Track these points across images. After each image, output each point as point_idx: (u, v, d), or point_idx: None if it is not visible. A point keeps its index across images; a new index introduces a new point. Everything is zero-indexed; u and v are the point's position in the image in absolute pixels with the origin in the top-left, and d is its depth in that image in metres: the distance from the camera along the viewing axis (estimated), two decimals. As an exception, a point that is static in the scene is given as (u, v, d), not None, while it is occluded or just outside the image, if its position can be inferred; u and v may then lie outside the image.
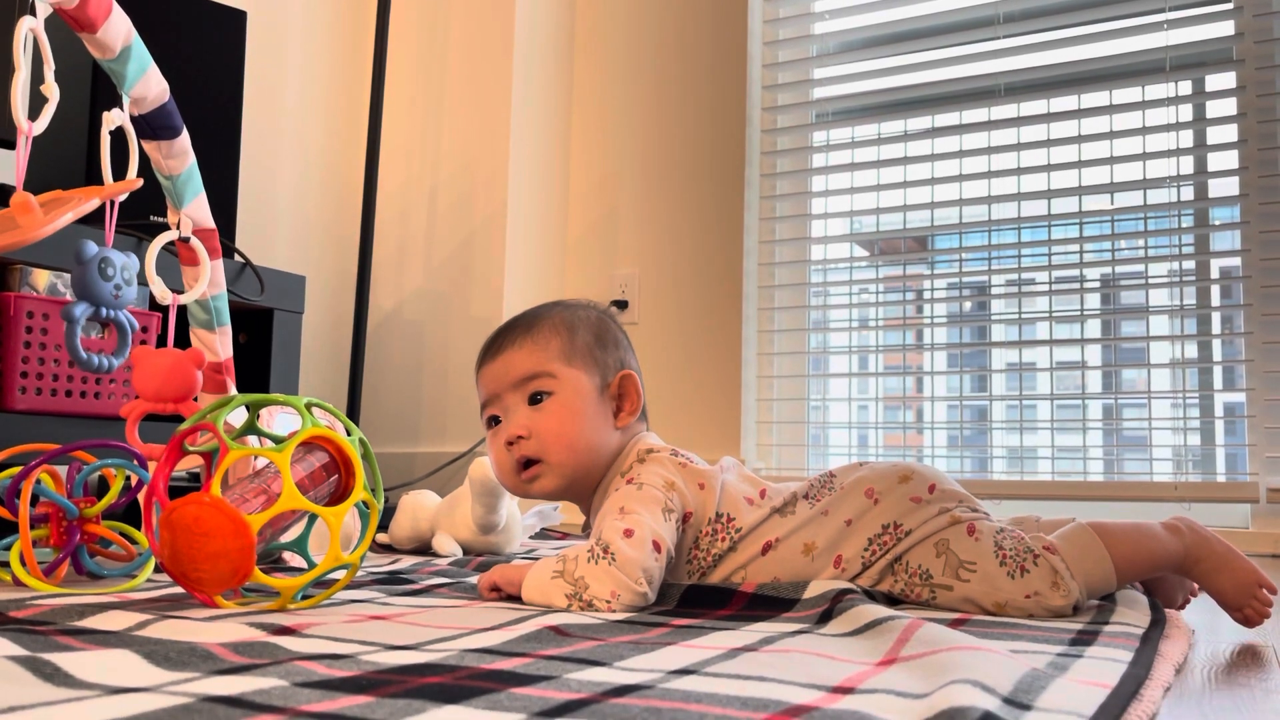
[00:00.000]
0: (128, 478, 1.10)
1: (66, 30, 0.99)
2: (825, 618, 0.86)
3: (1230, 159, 1.99)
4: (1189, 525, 0.98)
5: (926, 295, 2.30)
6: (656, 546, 0.95)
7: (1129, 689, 0.61)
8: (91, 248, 1.01)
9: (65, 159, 1.60)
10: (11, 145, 1.47)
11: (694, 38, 2.41)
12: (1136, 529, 0.98)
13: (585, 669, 0.63)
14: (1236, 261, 1.99)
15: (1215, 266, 2.04)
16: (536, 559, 1.37)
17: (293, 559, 1.23)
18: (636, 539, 0.94)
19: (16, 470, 1.04)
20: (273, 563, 1.22)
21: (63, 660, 0.59)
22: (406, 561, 1.41)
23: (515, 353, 1.06)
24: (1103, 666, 0.68)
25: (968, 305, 2.26)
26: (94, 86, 1.59)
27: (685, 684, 0.59)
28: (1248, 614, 0.93)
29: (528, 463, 1.05)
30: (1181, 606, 1.06)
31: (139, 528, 1.15)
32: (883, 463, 1.06)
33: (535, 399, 1.05)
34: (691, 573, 1.04)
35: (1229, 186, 1.99)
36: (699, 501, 1.02)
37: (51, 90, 0.93)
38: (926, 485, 1.02)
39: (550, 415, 1.04)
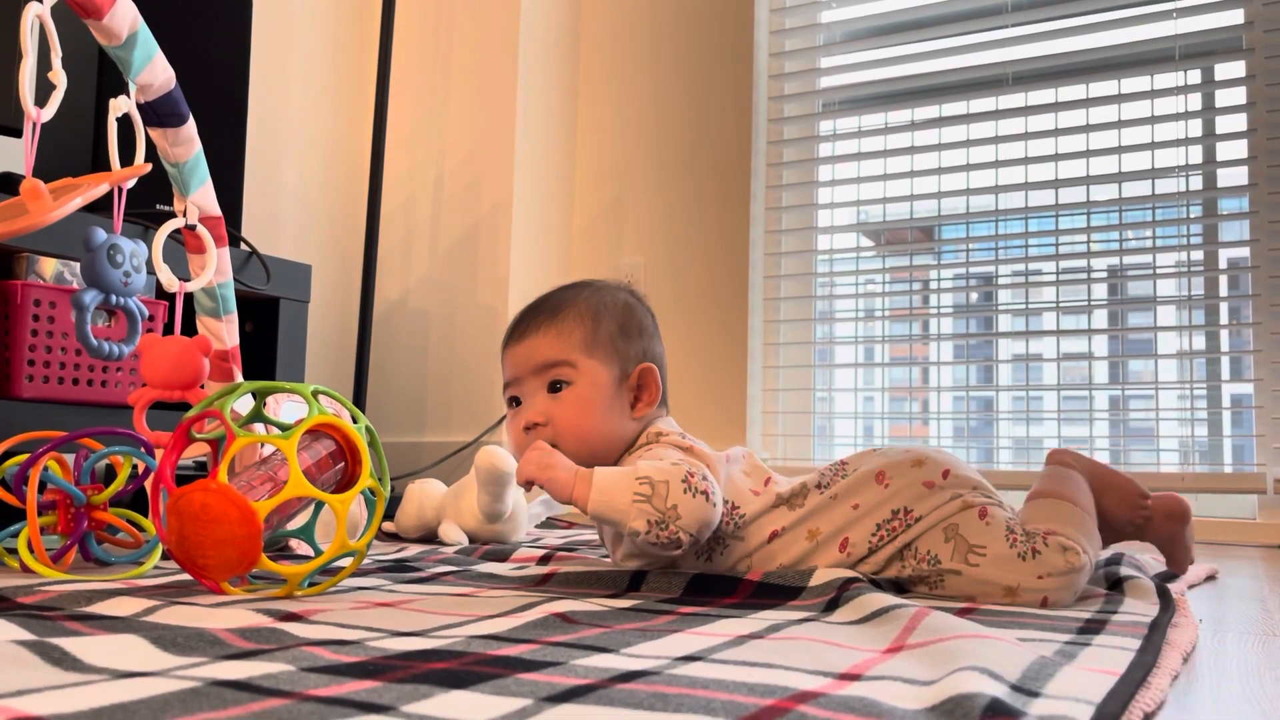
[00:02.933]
0: (135, 465, 1.11)
1: (73, 17, 0.99)
2: (832, 606, 0.86)
3: (1239, 148, 1.98)
4: (1070, 454, 1.10)
5: (933, 286, 2.29)
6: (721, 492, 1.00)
7: (1137, 677, 0.61)
8: (100, 234, 1.01)
9: (72, 146, 1.60)
10: (19, 133, 1.47)
11: (700, 26, 2.41)
12: (1057, 479, 1.06)
13: (592, 655, 0.63)
14: (1245, 252, 1.98)
15: (1223, 257, 2.03)
16: (542, 548, 1.37)
17: (299, 546, 1.23)
18: (716, 484, 0.97)
19: (24, 457, 1.04)
20: (279, 550, 1.23)
21: (71, 645, 0.59)
22: (413, 550, 1.41)
23: (539, 339, 1.07)
24: (1111, 654, 0.68)
25: (974, 296, 2.26)
26: (100, 73, 1.59)
27: (692, 670, 0.59)
28: (1139, 524, 1.10)
29: None
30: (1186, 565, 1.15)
31: (146, 515, 1.15)
32: (897, 448, 1.06)
33: (554, 387, 1.06)
34: (699, 552, 1.04)
35: (1238, 176, 1.98)
36: None
37: (59, 77, 0.93)
38: (940, 471, 1.01)
39: (567, 405, 1.05)
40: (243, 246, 1.69)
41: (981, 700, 0.49)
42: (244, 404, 1.08)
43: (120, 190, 1.03)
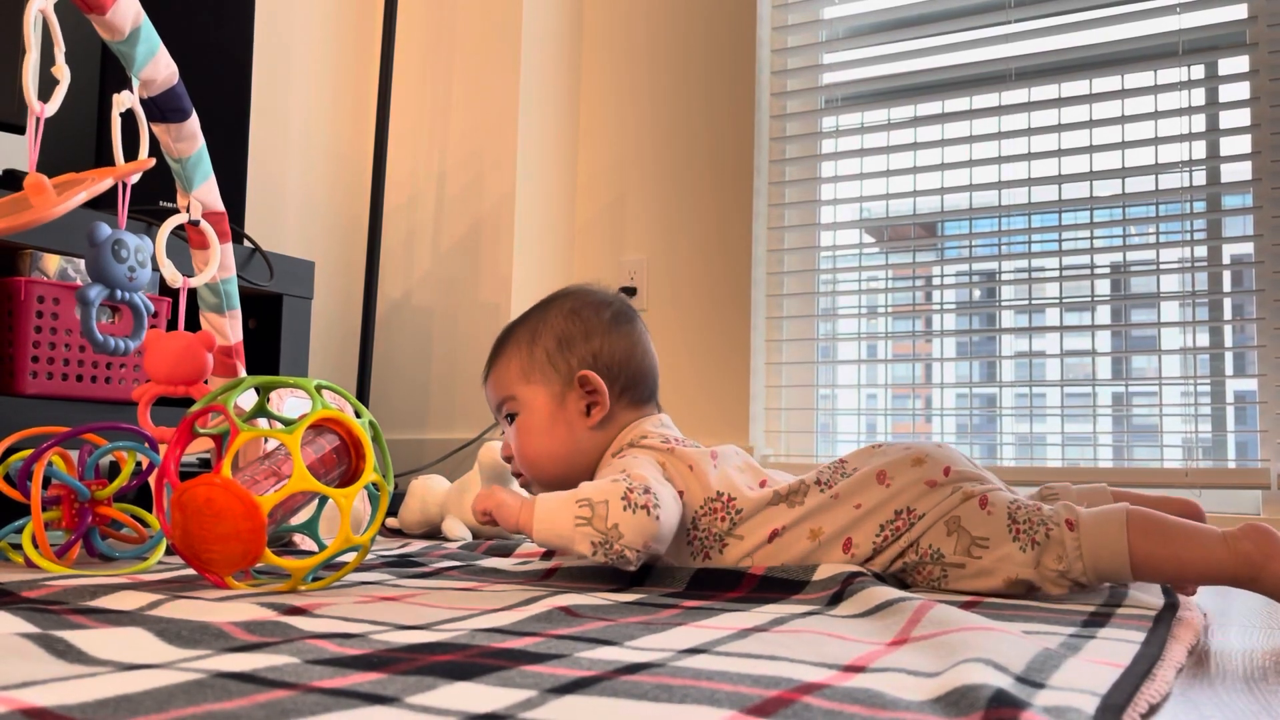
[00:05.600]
0: (139, 460, 1.11)
1: (76, 12, 0.99)
2: (836, 600, 0.86)
3: (1243, 144, 1.97)
4: (1258, 539, 0.86)
5: (935, 282, 2.29)
6: (675, 501, 0.99)
7: (1142, 668, 0.61)
8: (105, 230, 1.01)
9: (75, 141, 1.60)
10: (23, 128, 1.47)
11: (702, 23, 2.40)
12: (1182, 532, 0.90)
13: (596, 648, 0.63)
14: (1248, 247, 1.98)
15: (1227, 252, 2.03)
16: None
17: (303, 542, 1.24)
18: (667, 494, 0.97)
19: (28, 453, 1.04)
20: (283, 545, 1.23)
21: (75, 638, 0.59)
22: (416, 545, 1.41)
23: (490, 379, 1.15)
24: (1115, 647, 0.68)
25: (977, 292, 2.25)
26: (103, 69, 1.59)
27: (696, 662, 0.59)
28: None
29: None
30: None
31: (150, 510, 1.16)
32: (897, 445, 1.05)
33: (510, 419, 1.13)
34: (694, 554, 1.04)
35: (1241, 171, 1.98)
36: (688, 482, 1.03)
37: (62, 72, 0.93)
38: (941, 469, 1.01)
39: (519, 435, 1.12)
40: (246, 243, 1.69)
41: (986, 692, 0.49)
42: (248, 399, 1.08)
43: (124, 185, 1.03)
